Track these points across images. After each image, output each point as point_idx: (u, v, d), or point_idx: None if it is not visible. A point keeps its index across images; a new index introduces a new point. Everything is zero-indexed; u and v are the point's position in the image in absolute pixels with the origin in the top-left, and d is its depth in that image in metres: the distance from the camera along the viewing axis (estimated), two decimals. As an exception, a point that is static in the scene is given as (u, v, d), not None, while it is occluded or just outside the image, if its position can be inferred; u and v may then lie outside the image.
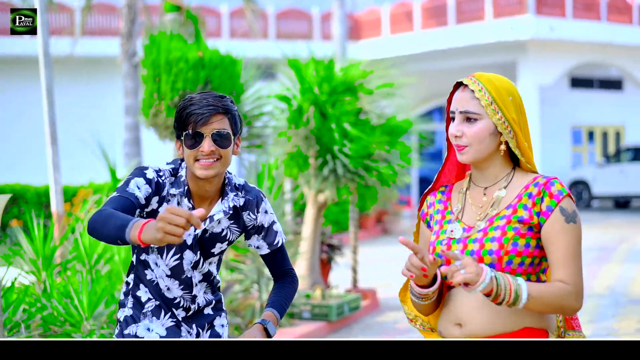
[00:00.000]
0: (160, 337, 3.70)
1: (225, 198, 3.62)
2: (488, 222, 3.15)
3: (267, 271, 9.35)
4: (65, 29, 24.75)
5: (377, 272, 14.38)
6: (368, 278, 13.46)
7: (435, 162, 30.35)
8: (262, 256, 3.81)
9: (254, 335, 3.49)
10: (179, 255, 3.62)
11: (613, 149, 32.78)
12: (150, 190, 3.51)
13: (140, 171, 3.54)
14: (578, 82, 31.75)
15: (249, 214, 3.68)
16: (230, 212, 3.63)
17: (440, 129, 30.16)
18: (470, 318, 3.14)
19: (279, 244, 3.77)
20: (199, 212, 2.93)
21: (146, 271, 3.68)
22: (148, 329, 3.70)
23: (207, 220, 3.60)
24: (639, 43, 25.01)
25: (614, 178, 28.15)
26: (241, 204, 3.67)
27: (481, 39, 23.44)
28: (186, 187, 3.59)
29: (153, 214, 3.56)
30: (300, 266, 10.51)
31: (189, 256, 3.64)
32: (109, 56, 23.54)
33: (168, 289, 3.68)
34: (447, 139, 3.31)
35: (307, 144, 9.93)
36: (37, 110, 17.61)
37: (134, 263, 3.73)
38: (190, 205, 3.58)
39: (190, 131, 3.46)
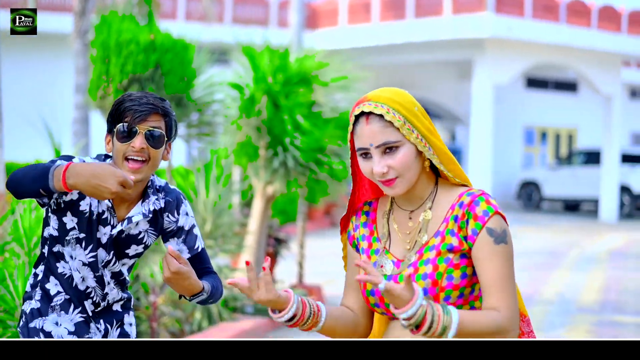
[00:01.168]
0: (69, 332, 3.63)
1: (147, 201, 3.59)
2: (417, 255, 2.92)
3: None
4: (18, 2, 24.35)
5: (323, 267, 14.26)
6: (314, 273, 13.33)
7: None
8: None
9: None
10: (95, 253, 3.58)
11: (565, 151, 33.01)
12: None
13: (67, 158, 3.44)
14: (533, 83, 31.97)
15: (168, 216, 3.63)
16: (150, 215, 3.59)
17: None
18: None
19: (199, 249, 3.69)
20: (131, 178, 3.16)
21: (58, 264, 3.61)
22: (56, 323, 3.63)
23: (125, 222, 3.56)
24: (597, 46, 25.15)
25: (565, 180, 28.38)
26: (162, 205, 3.63)
27: (439, 35, 23.46)
28: None
29: (71, 205, 3.52)
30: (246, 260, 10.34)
31: (101, 255, 3.60)
32: (61, 33, 23.20)
33: (83, 279, 3.61)
34: (354, 172, 3.11)
35: (258, 135, 9.73)
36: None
37: (45, 255, 3.64)
38: (110, 204, 3.54)
39: (124, 125, 3.43)
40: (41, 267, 3.66)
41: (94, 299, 3.66)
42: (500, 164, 30.37)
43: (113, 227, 3.56)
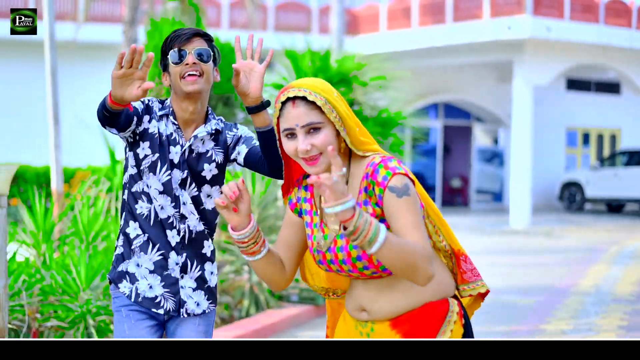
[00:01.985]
0: (150, 271, 4.00)
1: (209, 123, 4.02)
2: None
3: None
4: (69, 14, 25.03)
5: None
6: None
7: (429, 158, 30.63)
8: (246, 158, 4.02)
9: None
10: (169, 172, 3.97)
11: (608, 152, 32.94)
12: (142, 107, 3.95)
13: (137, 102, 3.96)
14: (574, 84, 31.93)
15: (229, 132, 4.06)
16: (213, 132, 4.01)
17: (434, 126, 30.39)
18: (373, 304, 3.31)
19: (256, 142, 4.02)
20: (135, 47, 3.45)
21: (136, 205, 4.01)
22: (137, 265, 4.01)
23: (192, 139, 3.98)
24: (637, 46, 25.08)
25: (607, 181, 28.24)
26: (222, 126, 4.07)
27: (478, 37, 23.64)
28: (171, 109, 3.99)
29: (143, 133, 3.97)
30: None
31: (176, 174, 3.98)
32: (111, 42, 23.82)
33: (162, 207, 3.98)
34: (282, 151, 3.43)
35: (301, 132, 10.22)
36: (40, 92, 17.91)
37: (126, 200, 4.06)
38: (175, 126, 3.98)
39: (175, 50, 3.90)
40: (123, 215, 4.09)
41: (177, 228, 4.00)
42: (543, 166, 30.44)
43: (182, 146, 3.98)
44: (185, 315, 4.06)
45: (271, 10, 27.43)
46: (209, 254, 4.11)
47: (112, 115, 3.73)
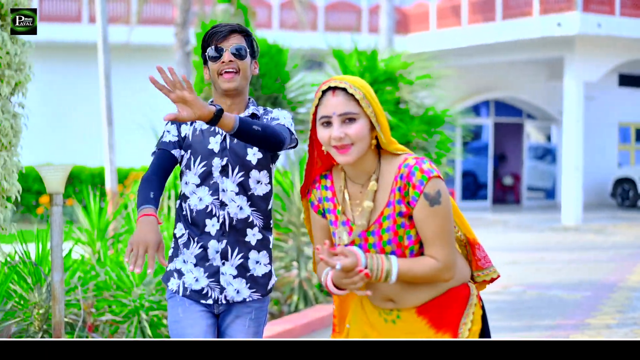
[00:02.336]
0: (194, 265, 4.11)
1: (247, 110, 4.15)
2: (378, 225, 3.45)
3: (306, 250, 9.90)
4: (122, 17, 25.41)
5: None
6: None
7: (480, 156, 30.65)
8: None
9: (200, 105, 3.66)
10: (205, 162, 4.08)
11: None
12: (175, 125, 4.13)
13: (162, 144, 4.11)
14: (627, 80, 31.68)
15: (265, 117, 4.15)
16: (249, 115, 4.13)
17: (485, 124, 30.39)
18: (399, 295, 3.49)
19: (277, 118, 4.12)
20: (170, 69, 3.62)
21: (184, 204, 4.15)
22: (184, 261, 4.15)
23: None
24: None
25: (663, 178, 28.08)
26: (260, 112, 4.18)
27: (527, 35, 23.63)
28: (210, 104, 4.02)
29: (184, 140, 4.12)
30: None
31: (216, 162, 4.07)
32: (163, 44, 24.14)
33: (200, 199, 4.09)
34: (311, 145, 3.61)
35: (348, 130, 10.41)
36: (94, 94, 18.26)
37: (177, 206, 4.23)
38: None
39: (212, 47, 4.05)
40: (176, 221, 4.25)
41: (217, 215, 4.07)
42: (595, 162, 30.29)
43: (222, 134, 4.08)
44: (224, 302, 4.10)
45: (321, 10, 27.62)
46: (253, 242, 4.11)
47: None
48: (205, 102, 3.66)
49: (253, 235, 4.10)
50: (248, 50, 4.09)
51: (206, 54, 4.09)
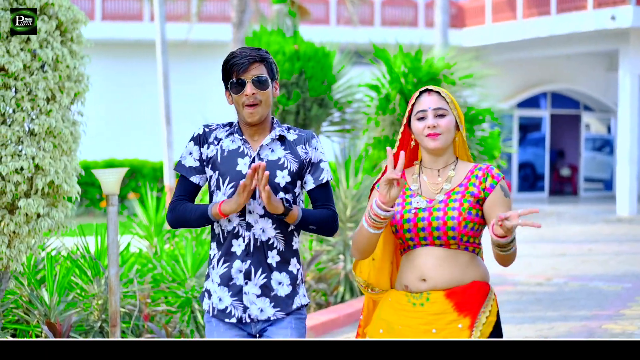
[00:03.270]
0: (218, 284, 4.16)
1: (273, 131, 4.17)
2: (446, 196, 4.05)
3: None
4: (182, 15, 25.93)
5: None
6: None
7: (538, 148, 30.79)
8: (308, 192, 4.21)
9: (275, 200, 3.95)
10: (234, 183, 4.11)
11: None
12: (197, 146, 4.20)
13: (193, 133, 4.26)
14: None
15: (302, 147, 4.17)
16: (277, 137, 4.16)
17: (543, 115, 30.51)
18: (433, 275, 4.03)
19: (324, 180, 4.17)
20: (257, 164, 3.83)
21: (214, 224, 4.19)
22: (212, 281, 4.20)
23: (259, 148, 4.14)
24: None
25: None
26: (294, 138, 4.19)
27: (581, 28, 23.74)
28: (237, 127, 4.18)
29: (210, 160, 4.18)
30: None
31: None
32: (222, 41, 24.61)
33: (229, 220, 4.12)
34: (402, 139, 4.24)
35: (393, 130, 10.83)
36: (154, 91, 18.83)
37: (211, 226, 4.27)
38: (241, 139, 4.16)
39: (234, 79, 4.10)
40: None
41: (242, 235, 4.11)
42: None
43: (250, 156, 4.11)
44: (248, 320, 4.15)
45: (377, 5, 27.94)
46: (274, 264, 4.14)
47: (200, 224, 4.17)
48: (278, 200, 3.96)
49: (272, 258, 4.14)
50: (269, 78, 4.12)
51: (228, 84, 4.13)
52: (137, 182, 21.57)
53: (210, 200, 4.23)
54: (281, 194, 4.12)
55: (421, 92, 4.15)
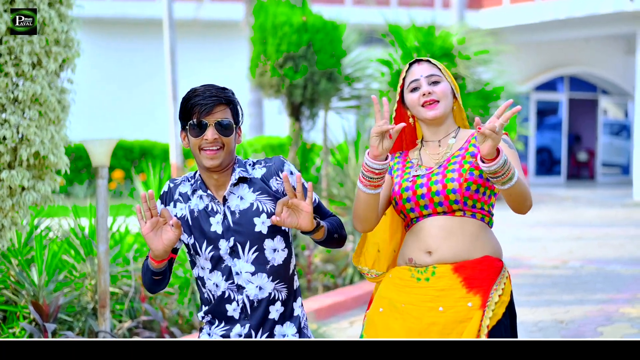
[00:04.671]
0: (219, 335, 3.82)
1: (232, 174, 3.73)
2: (446, 161, 3.81)
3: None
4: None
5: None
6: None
7: (556, 132, 30.45)
8: None
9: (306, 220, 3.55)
10: (212, 245, 3.70)
11: None
12: (163, 205, 3.77)
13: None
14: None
15: (275, 179, 3.75)
16: (236, 181, 3.72)
17: (560, 99, 30.16)
18: (439, 247, 3.73)
19: (316, 202, 3.80)
20: (144, 195, 3.49)
21: (203, 289, 3.82)
22: (209, 334, 3.83)
23: (224, 201, 3.72)
24: None
25: None
26: (263, 172, 3.76)
27: (599, 10, 23.39)
28: (200, 181, 3.74)
29: (182, 221, 3.76)
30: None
31: (223, 245, 3.70)
32: (233, 20, 24.35)
33: (216, 285, 3.74)
34: (397, 118, 3.95)
35: (404, 106, 10.48)
36: (163, 72, 18.55)
37: (198, 286, 3.90)
38: (206, 193, 3.73)
39: (194, 120, 3.64)
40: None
41: (235, 300, 3.73)
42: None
43: (221, 212, 3.71)
44: None
45: (393, -15, 27.63)
46: (277, 317, 3.77)
47: (162, 274, 3.75)
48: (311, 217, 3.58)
49: (276, 311, 3.76)
50: (233, 122, 3.70)
51: (187, 125, 3.70)
52: (147, 163, 21.31)
53: (192, 267, 3.84)
54: (269, 242, 3.72)
55: (410, 64, 3.92)
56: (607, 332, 8.09)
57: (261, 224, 3.68)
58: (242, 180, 3.72)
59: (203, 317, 3.84)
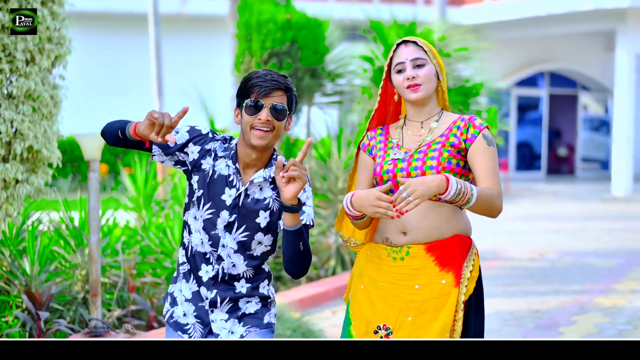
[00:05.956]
0: (186, 299, 4.03)
1: (269, 167, 3.93)
2: (426, 146, 3.96)
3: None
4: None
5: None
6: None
7: (536, 127, 30.70)
8: (283, 232, 3.90)
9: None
10: (214, 210, 3.90)
11: None
12: (187, 137, 3.92)
13: (194, 126, 3.99)
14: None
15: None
16: (270, 179, 3.91)
17: (540, 95, 30.41)
18: (413, 228, 3.92)
19: (302, 221, 3.87)
20: (180, 112, 3.59)
21: (185, 233, 4.01)
22: (180, 290, 4.05)
23: (248, 183, 3.89)
24: None
25: None
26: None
27: (579, 7, 23.60)
28: (233, 152, 3.91)
29: (194, 165, 3.93)
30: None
31: (224, 215, 3.89)
32: (218, 15, 24.45)
33: (202, 242, 3.94)
34: (384, 94, 4.15)
35: (386, 102, 10.69)
36: (148, 65, 18.69)
37: (183, 231, 4.06)
38: (234, 168, 3.90)
39: (252, 99, 3.82)
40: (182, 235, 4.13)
41: (212, 265, 3.94)
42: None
43: (238, 189, 3.88)
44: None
45: (375, -19, 27.76)
46: (244, 291, 4.01)
47: (126, 141, 3.85)
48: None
49: (242, 287, 4.00)
50: (286, 111, 3.88)
51: (243, 102, 3.87)
52: (133, 156, 21.45)
53: (185, 210, 4.03)
54: (260, 235, 3.94)
55: (398, 45, 4.07)
56: (580, 321, 8.35)
57: (263, 219, 3.91)
58: (273, 179, 3.93)
59: (181, 265, 4.04)
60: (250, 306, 4.03)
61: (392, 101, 4.17)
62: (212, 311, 3.99)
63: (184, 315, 4.04)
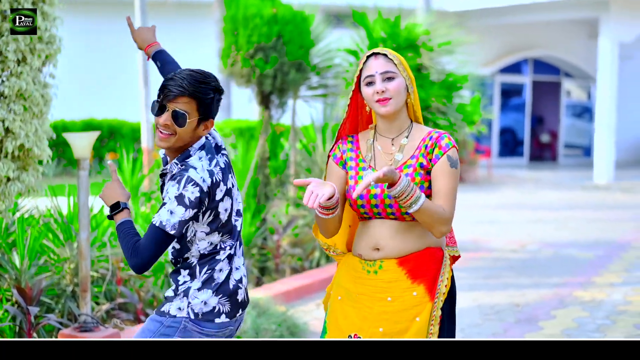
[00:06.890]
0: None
1: (173, 162, 3.94)
2: (398, 169, 3.99)
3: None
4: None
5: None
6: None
7: (519, 113, 30.87)
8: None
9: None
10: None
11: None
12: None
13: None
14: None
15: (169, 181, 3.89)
16: (165, 172, 3.96)
17: (524, 82, 30.56)
18: (386, 244, 4.02)
19: (152, 220, 3.81)
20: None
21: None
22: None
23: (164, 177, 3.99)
24: None
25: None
26: (173, 172, 3.91)
27: (564, -6, 23.81)
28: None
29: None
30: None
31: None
32: (203, 1, 24.49)
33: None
34: (352, 105, 4.16)
35: (370, 95, 10.78)
36: (132, 52, 18.72)
37: None
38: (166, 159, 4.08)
39: (157, 100, 3.88)
40: None
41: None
42: (630, 122, 30.44)
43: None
44: None
45: (360, -32, 27.76)
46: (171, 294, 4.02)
47: None
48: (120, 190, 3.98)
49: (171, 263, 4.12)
50: (190, 118, 3.84)
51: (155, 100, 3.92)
52: (116, 142, 21.53)
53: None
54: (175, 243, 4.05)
55: (368, 57, 4.08)
56: (560, 315, 8.51)
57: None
58: (163, 175, 3.97)
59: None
60: (167, 291, 4.03)
61: (364, 111, 4.20)
62: None
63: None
